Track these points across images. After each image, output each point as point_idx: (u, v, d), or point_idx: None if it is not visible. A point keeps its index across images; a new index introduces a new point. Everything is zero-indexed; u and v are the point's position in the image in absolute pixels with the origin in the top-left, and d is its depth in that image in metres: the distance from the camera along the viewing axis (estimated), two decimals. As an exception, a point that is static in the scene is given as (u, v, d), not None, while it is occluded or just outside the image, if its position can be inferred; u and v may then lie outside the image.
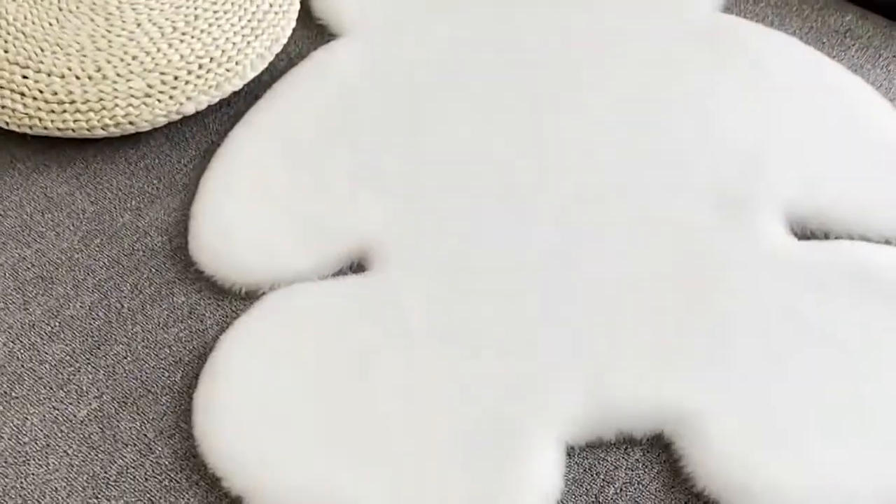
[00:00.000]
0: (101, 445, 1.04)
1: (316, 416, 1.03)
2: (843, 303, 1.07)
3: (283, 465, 1.04)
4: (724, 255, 1.13)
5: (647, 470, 1.00)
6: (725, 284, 1.10)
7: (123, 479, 1.01)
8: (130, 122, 1.20)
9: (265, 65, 1.27)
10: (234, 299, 1.14)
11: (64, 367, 1.10)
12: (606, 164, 1.21)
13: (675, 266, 1.13)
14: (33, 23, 1.28)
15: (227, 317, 1.13)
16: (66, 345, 1.10)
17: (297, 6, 1.31)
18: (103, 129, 1.20)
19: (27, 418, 1.06)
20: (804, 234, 1.16)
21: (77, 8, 1.30)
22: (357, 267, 1.15)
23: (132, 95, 1.19)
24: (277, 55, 1.30)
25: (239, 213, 1.19)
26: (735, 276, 1.10)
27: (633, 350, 1.06)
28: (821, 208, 1.18)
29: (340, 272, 1.16)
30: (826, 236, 1.16)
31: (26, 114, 1.19)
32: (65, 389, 1.08)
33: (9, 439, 1.05)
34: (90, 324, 1.11)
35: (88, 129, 1.19)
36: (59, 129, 1.20)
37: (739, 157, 1.23)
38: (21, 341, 1.12)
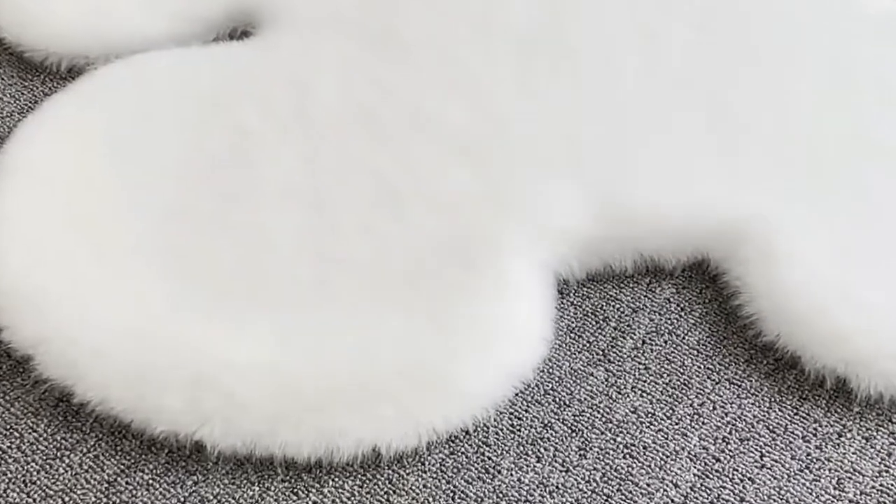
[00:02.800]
0: None
1: (162, 230, 0.71)
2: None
3: (102, 303, 0.64)
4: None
5: (682, 314, 0.70)
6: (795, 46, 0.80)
7: None
8: None
9: None
10: (49, 79, 0.82)
11: None
12: None
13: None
14: None
15: (35, 102, 0.81)
16: None
17: None
18: None
19: None
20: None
21: None
22: (241, 35, 0.74)
23: None
24: None
25: None
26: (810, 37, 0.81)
27: (661, 138, 0.75)
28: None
29: (215, 41, 0.74)
30: None
31: None
32: None
33: None
34: None
35: None
36: None
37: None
38: None
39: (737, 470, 0.63)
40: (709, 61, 0.80)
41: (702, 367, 0.67)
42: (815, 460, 0.63)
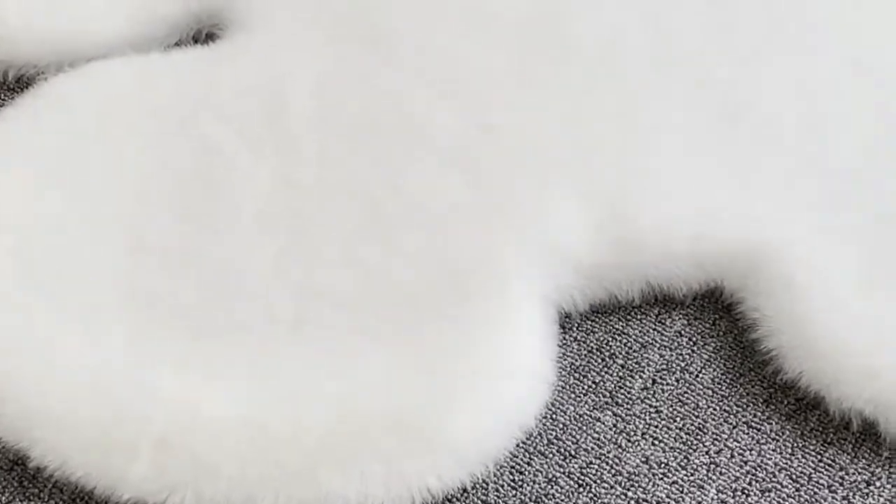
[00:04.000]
0: None
1: (126, 266, 0.64)
2: None
3: (57, 346, 0.58)
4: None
5: (695, 349, 0.64)
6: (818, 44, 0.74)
7: None
8: None
9: None
10: None
11: None
12: None
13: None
14: None
15: None
16: None
17: None
18: None
19: None
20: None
21: None
22: (206, 38, 0.67)
23: None
24: None
25: None
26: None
27: (671, 157, 0.69)
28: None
29: (178, 45, 0.67)
30: None
31: None
32: None
33: None
34: None
35: None
36: None
37: None
38: None
39: (759, 527, 0.58)
40: (722, 60, 0.74)
41: (717, 409, 0.62)
42: (842, 514, 0.58)
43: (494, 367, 0.60)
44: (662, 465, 0.59)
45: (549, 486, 0.59)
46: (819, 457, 0.60)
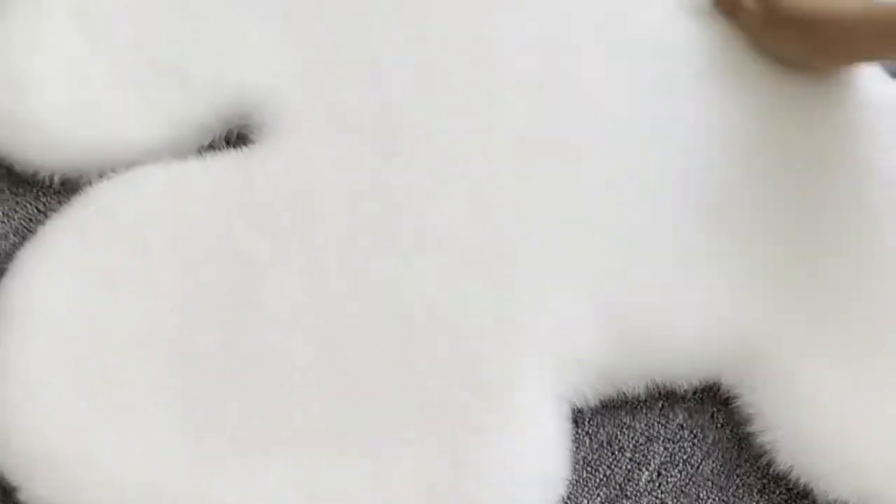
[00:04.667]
0: None
1: (172, 376, 0.69)
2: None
3: (117, 461, 0.64)
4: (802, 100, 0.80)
5: (695, 441, 0.71)
6: (810, 147, 0.78)
7: None
8: None
9: None
10: (42, 194, 0.78)
11: None
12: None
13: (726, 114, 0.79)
14: None
15: (29, 220, 0.77)
16: None
17: None
18: None
19: None
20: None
21: None
22: (237, 139, 0.74)
23: None
24: None
25: (44, 53, 0.79)
26: (821, 134, 0.79)
27: (670, 258, 0.75)
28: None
29: (211, 146, 0.77)
30: None
31: None
32: None
33: None
34: None
35: None
36: None
37: None
38: None
39: None
40: (713, 157, 0.79)
41: (717, 499, 0.68)
42: None
43: (514, 467, 0.67)
44: (668, 555, 0.66)
45: (566, 578, 0.65)
46: (808, 546, 0.67)
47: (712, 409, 0.71)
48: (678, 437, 0.70)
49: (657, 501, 0.68)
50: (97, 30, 0.81)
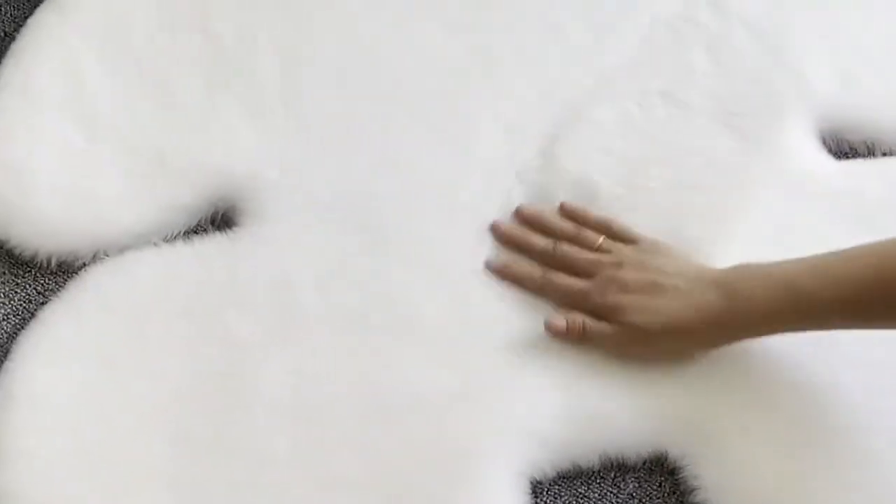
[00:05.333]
0: None
1: (168, 458, 0.75)
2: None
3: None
4: (737, 183, 0.86)
5: None
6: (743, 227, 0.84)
7: None
8: None
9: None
10: (41, 275, 0.84)
11: None
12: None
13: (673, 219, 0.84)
14: None
15: (29, 302, 0.82)
16: None
17: None
18: None
19: None
20: (841, 149, 0.91)
21: None
22: (222, 220, 0.77)
23: None
24: None
25: (41, 143, 0.86)
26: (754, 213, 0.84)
27: None
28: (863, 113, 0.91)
29: (197, 229, 0.78)
30: (871, 152, 0.91)
31: None
32: None
33: None
34: None
35: None
36: None
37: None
38: None
39: None
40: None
41: (664, 563, 0.75)
42: None
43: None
44: None
45: None
46: None
47: (660, 478, 0.77)
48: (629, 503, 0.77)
49: (610, 566, 0.75)
50: (89, 120, 0.87)
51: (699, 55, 0.92)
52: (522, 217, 0.84)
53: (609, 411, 0.77)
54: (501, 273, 0.82)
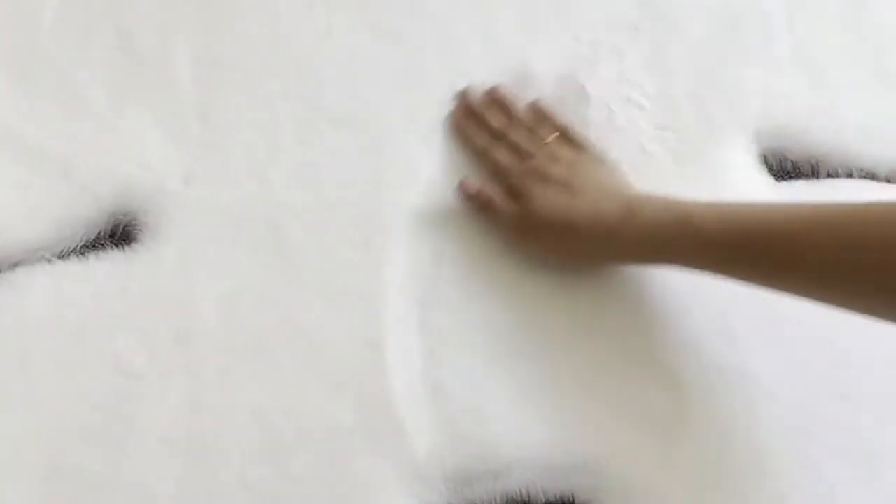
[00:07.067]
0: None
1: (41, 496, 0.71)
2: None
3: None
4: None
5: None
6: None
7: None
8: None
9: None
10: None
11: None
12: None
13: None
14: None
15: None
16: None
17: None
18: None
19: None
20: (783, 168, 0.87)
21: None
22: (121, 236, 0.73)
23: None
24: None
25: None
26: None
27: (521, 376, 0.76)
28: (806, 132, 0.87)
29: (95, 244, 0.80)
30: (815, 172, 0.87)
31: None
32: None
33: None
34: None
35: None
36: None
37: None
38: None
39: None
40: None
41: None
42: None
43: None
44: None
45: None
46: None
47: (568, 521, 0.74)
48: (534, 548, 0.73)
49: None
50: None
51: (634, 67, 0.88)
52: (493, 95, 0.86)
53: (513, 450, 0.73)
54: (457, 128, 0.85)
